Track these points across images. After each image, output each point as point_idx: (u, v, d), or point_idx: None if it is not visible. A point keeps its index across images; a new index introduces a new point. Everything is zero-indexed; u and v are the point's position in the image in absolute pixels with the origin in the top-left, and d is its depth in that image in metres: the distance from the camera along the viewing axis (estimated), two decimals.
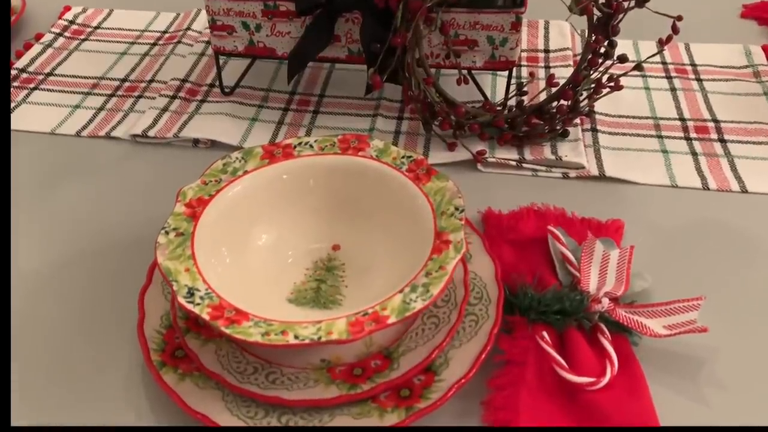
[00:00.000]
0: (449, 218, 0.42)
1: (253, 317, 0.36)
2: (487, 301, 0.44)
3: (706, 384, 0.41)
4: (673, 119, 0.63)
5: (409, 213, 0.44)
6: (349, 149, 0.47)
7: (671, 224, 0.53)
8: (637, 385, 0.40)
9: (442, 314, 0.42)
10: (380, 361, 0.40)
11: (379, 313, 0.36)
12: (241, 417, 0.38)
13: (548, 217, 0.52)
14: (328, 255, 0.46)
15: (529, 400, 0.40)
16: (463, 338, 0.42)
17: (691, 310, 0.42)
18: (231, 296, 0.39)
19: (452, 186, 0.44)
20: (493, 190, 0.56)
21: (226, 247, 0.42)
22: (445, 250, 0.40)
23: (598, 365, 0.41)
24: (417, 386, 0.39)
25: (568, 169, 0.57)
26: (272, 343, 0.34)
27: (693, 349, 0.43)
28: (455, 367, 0.40)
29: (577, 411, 0.39)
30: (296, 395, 0.38)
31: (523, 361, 0.41)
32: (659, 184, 0.56)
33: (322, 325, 0.35)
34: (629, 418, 0.38)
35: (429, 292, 0.37)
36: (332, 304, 0.43)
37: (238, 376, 0.39)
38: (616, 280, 0.45)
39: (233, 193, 0.44)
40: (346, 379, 0.39)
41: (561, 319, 0.43)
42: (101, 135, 0.62)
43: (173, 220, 0.41)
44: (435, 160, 0.59)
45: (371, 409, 0.38)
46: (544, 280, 0.46)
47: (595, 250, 0.47)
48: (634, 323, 0.42)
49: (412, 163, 0.46)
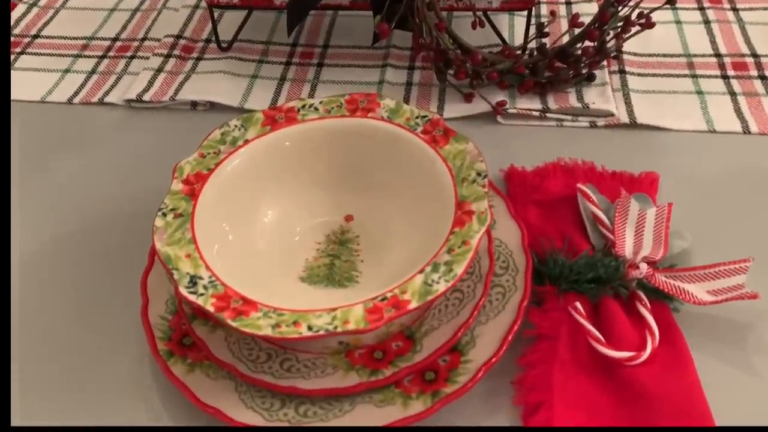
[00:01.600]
0: (471, 185, 0.38)
1: (262, 307, 0.33)
2: (514, 270, 0.40)
3: (754, 351, 0.38)
4: (708, 56, 0.58)
5: (426, 180, 0.40)
6: (357, 110, 0.43)
7: (709, 174, 0.49)
8: (681, 358, 0.37)
9: (467, 288, 0.39)
10: (402, 343, 0.37)
11: (398, 297, 0.33)
12: (257, 409, 0.35)
13: (576, 173, 0.48)
14: (341, 227, 0.43)
15: (563, 378, 0.37)
16: (490, 313, 0.39)
17: (738, 274, 0.39)
18: (238, 282, 0.36)
19: (473, 148, 0.40)
20: (516, 145, 0.52)
21: (229, 227, 0.39)
22: (468, 222, 0.36)
23: (638, 337, 0.38)
24: (442, 368, 0.36)
25: (596, 118, 0.53)
26: (284, 336, 0.32)
27: (737, 313, 0.40)
28: (483, 345, 0.37)
29: (615, 388, 0.36)
30: (313, 384, 0.35)
31: (555, 335, 0.38)
32: (695, 129, 0.52)
33: (338, 314, 0.33)
34: (673, 394, 0.35)
35: (452, 271, 0.34)
36: (348, 281, 0.40)
37: (251, 364, 0.36)
38: (654, 241, 0.42)
39: (233, 166, 0.40)
40: (367, 364, 0.36)
41: (595, 287, 0.40)
42: (94, 101, 0.58)
43: (171, 200, 0.38)
44: (451, 113, 0.54)
45: (395, 395, 0.35)
46: (575, 245, 0.42)
47: (630, 209, 0.43)
48: (676, 290, 0.39)
49: (428, 123, 0.42)
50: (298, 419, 0.35)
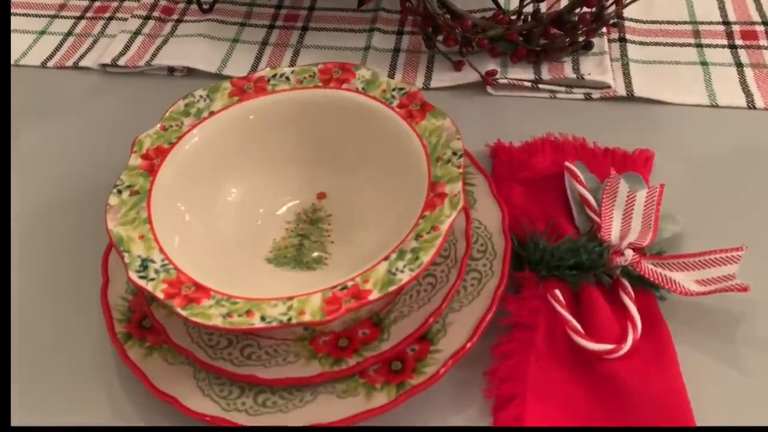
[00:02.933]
0: (445, 165, 0.35)
1: (214, 294, 0.31)
2: (492, 254, 0.38)
3: (744, 345, 0.36)
4: (716, 23, 0.54)
5: (400, 158, 0.38)
6: (331, 81, 0.40)
7: (710, 152, 0.46)
8: (664, 352, 0.35)
9: (440, 273, 0.37)
10: (369, 330, 0.35)
11: (360, 286, 0.31)
12: (214, 397, 0.34)
13: (566, 149, 0.45)
14: (312, 205, 0.41)
15: (538, 370, 0.35)
16: (464, 300, 0.37)
17: (730, 263, 0.36)
18: (196, 264, 0.34)
19: (450, 125, 0.37)
20: (506, 117, 0.50)
21: (190, 206, 0.37)
22: (439, 205, 0.34)
23: (619, 328, 0.36)
24: (410, 358, 0.35)
25: (592, 89, 0.50)
26: (235, 327, 0.30)
27: (729, 303, 0.37)
28: (454, 334, 0.35)
29: (592, 382, 0.34)
30: (273, 373, 0.34)
31: (532, 324, 0.36)
32: (696, 104, 0.49)
33: (294, 303, 0.31)
34: (653, 391, 0.34)
35: (419, 259, 0.32)
36: (316, 263, 0.38)
37: (210, 350, 0.35)
38: (643, 226, 0.39)
39: (195, 141, 0.38)
40: (330, 353, 0.34)
41: (577, 274, 0.37)
42: (69, 65, 0.56)
43: (127, 176, 0.36)
44: (439, 83, 0.52)
45: (358, 386, 0.34)
46: (559, 228, 0.40)
47: (619, 190, 0.40)
48: (662, 279, 0.37)
49: (405, 96, 0.39)
50: (256, 409, 0.33)
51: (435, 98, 0.51)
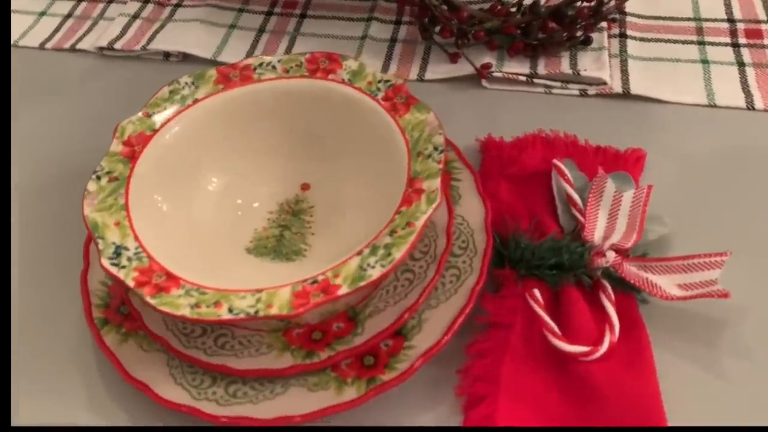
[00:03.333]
0: (425, 160, 0.35)
1: (184, 283, 0.31)
2: (472, 251, 0.38)
3: (726, 353, 0.36)
4: (720, 20, 0.53)
5: (382, 151, 0.37)
6: (318, 71, 0.40)
7: (705, 153, 0.45)
8: (640, 356, 0.35)
9: (419, 269, 0.37)
10: (343, 324, 0.35)
11: (330, 281, 0.31)
12: (186, 386, 0.34)
13: (557, 146, 0.44)
14: (296, 196, 0.41)
15: (513, 370, 0.34)
16: (442, 296, 0.36)
17: (713, 268, 0.35)
18: (174, 253, 0.34)
19: (433, 119, 0.37)
20: (499, 112, 0.49)
21: (168, 196, 0.37)
22: (416, 201, 0.33)
23: (597, 330, 0.35)
24: (383, 353, 0.34)
25: (587, 85, 0.49)
26: (202, 317, 0.30)
27: (713, 309, 0.37)
28: (429, 331, 0.35)
29: (567, 384, 0.34)
30: (245, 364, 0.34)
31: (508, 323, 0.36)
32: (694, 103, 0.48)
33: (263, 296, 0.31)
34: (627, 396, 0.33)
35: (391, 255, 0.31)
36: (295, 255, 0.38)
37: (184, 338, 0.35)
38: (627, 227, 0.38)
39: (178, 128, 0.38)
40: (303, 345, 0.34)
41: (557, 274, 0.37)
42: (66, 47, 0.56)
43: (107, 162, 0.36)
44: (434, 74, 0.51)
45: (330, 379, 0.34)
46: (542, 227, 0.39)
47: (606, 189, 0.40)
48: (643, 282, 0.36)
49: (390, 89, 0.39)
50: (226, 399, 0.33)
51: (429, 90, 0.51)
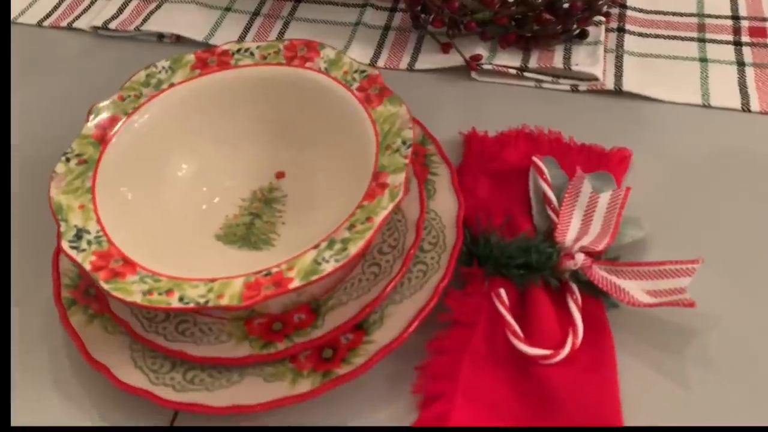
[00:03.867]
0: (393, 155, 0.35)
1: (140, 270, 0.31)
2: (442, 247, 0.37)
3: (693, 363, 0.35)
4: (724, 17, 0.51)
5: (353, 143, 0.37)
6: (295, 58, 0.40)
7: (694, 155, 0.44)
8: (603, 361, 0.34)
9: (385, 263, 0.37)
10: (304, 316, 0.35)
11: (283, 273, 0.31)
12: (145, 370, 0.34)
13: (540, 143, 0.44)
14: (270, 184, 0.40)
15: (472, 370, 0.34)
16: (407, 292, 0.36)
17: (683, 276, 0.35)
18: (138, 237, 0.34)
19: (405, 113, 0.36)
20: (487, 104, 0.48)
21: (139, 178, 0.37)
22: (378, 195, 0.33)
23: (561, 334, 0.35)
24: (343, 347, 0.34)
25: (579, 81, 0.48)
26: (152, 305, 0.30)
27: (684, 317, 0.36)
28: (390, 326, 0.35)
29: (526, 387, 0.34)
30: (203, 351, 0.34)
31: (471, 322, 0.36)
32: (687, 102, 0.46)
33: (215, 286, 0.31)
34: (585, 402, 0.33)
35: (346, 250, 0.31)
36: (264, 244, 0.38)
37: (146, 323, 0.35)
38: (601, 230, 0.38)
39: (151, 113, 0.38)
40: (262, 335, 0.34)
41: (525, 274, 0.36)
42: (63, 26, 0.56)
43: (78, 144, 0.36)
44: (424, 64, 0.50)
45: (287, 370, 0.34)
46: (516, 225, 0.39)
47: (582, 190, 0.39)
48: (611, 286, 0.35)
49: (366, 79, 0.38)
50: (183, 385, 0.33)
51: (418, 80, 0.50)
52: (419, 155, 0.42)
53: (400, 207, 0.39)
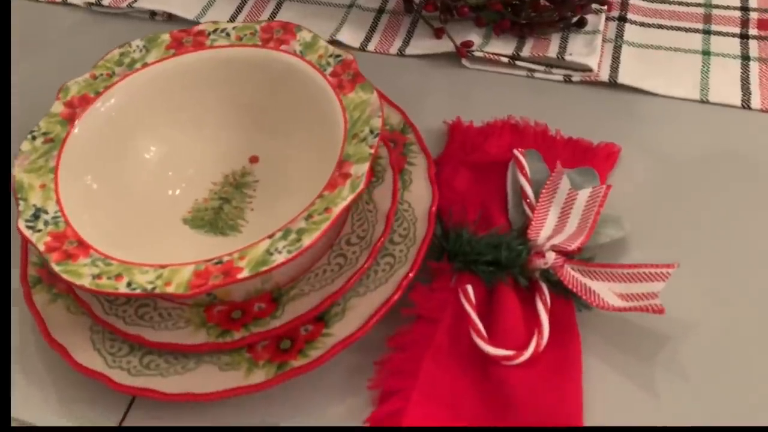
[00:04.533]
0: (359, 144, 0.34)
1: (93, 253, 0.31)
2: (411, 240, 0.36)
3: (660, 368, 0.33)
4: (733, 8, 0.49)
5: (323, 130, 0.36)
6: (271, 41, 0.39)
7: (686, 153, 0.42)
8: (568, 365, 0.33)
9: (351, 254, 0.36)
10: (265, 305, 0.34)
11: (234, 263, 0.30)
12: (102, 352, 0.34)
13: (525, 135, 0.42)
14: (243, 168, 0.40)
15: (433, 367, 0.33)
16: (372, 284, 0.35)
17: (657, 280, 0.33)
18: (102, 220, 0.34)
19: (375, 100, 0.35)
20: (476, 93, 0.47)
21: (105, 158, 0.37)
22: (340, 186, 0.32)
23: (526, 334, 0.34)
24: (301, 338, 0.34)
25: (572, 71, 0.46)
26: (100, 289, 0.30)
27: (657, 322, 0.34)
28: (351, 319, 0.34)
29: (486, 388, 0.33)
30: (159, 336, 0.33)
31: (436, 318, 0.35)
32: (684, 97, 0.44)
33: (164, 272, 0.30)
34: (546, 404, 0.32)
35: (300, 241, 0.30)
36: (230, 230, 0.37)
37: (107, 305, 0.35)
38: (577, 228, 0.36)
39: (121, 94, 0.37)
40: (221, 323, 0.34)
41: (493, 271, 0.35)
42: (58, 1, 0.56)
43: (45, 123, 0.36)
44: (415, 50, 0.49)
45: (243, 360, 0.33)
46: (490, 219, 0.38)
47: (561, 186, 0.37)
48: (581, 288, 0.34)
49: (340, 64, 0.37)
50: (139, 369, 0.33)
51: (408, 66, 0.49)
52: (398, 144, 0.41)
53: (372, 197, 0.38)
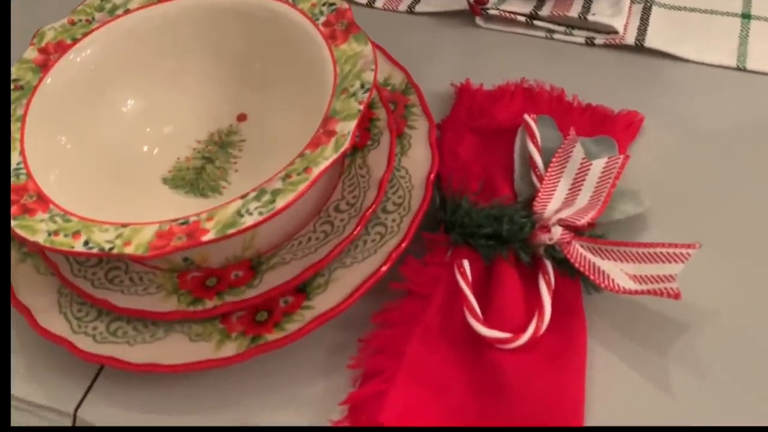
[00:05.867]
0: (348, 99, 0.30)
1: (53, 207, 0.29)
2: (406, 209, 0.33)
3: (673, 358, 0.30)
4: None
5: (312, 84, 0.33)
6: None
7: (717, 125, 0.38)
8: (571, 351, 0.30)
9: (339, 222, 0.33)
10: (242, 273, 0.32)
11: (200, 224, 0.27)
12: (69, 316, 0.32)
13: (539, 100, 0.39)
14: (230, 127, 0.37)
15: (421, 347, 0.30)
16: (359, 255, 0.32)
17: (675, 261, 0.30)
18: (70, 173, 0.32)
19: (369, 53, 0.32)
20: (489, 55, 0.43)
21: (78, 112, 0.34)
22: (323, 144, 0.29)
23: (525, 316, 0.30)
24: (279, 310, 0.31)
25: (596, 33, 0.42)
26: (54, 247, 0.27)
27: (672, 308, 0.31)
28: (334, 291, 0.31)
29: (478, 373, 0.30)
30: (127, 302, 0.31)
31: (427, 294, 0.32)
32: (719, 64, 0.40)
33: (125, 231, 0.27)
34: (543, 393, 0.28)
35: (273, 203, 0.27)
36: (211, 191, 0.35)
37: (76, 266, 0.32)
38: (589, 202, 0.33)
39: (98, 44, 0.35)
40: (193, 290, 0.31)
41: (493, 245, 0.32)
42: None
43: (17, 69, 0.33)
44: (425, 7, 0.46)
45: (215, 331, 0.31)
46: (494, 190, 0.34)
47: (573, 155, 0.34)
48: (590, 267, 0.30)
49: (333, 13, 0.34)
50: (105, 336, 0.31)
51: (417, 24, 0.46)
52: (399, 105, 0.37)
53: (366, 161, 0.35)
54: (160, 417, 0.30)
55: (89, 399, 0.31)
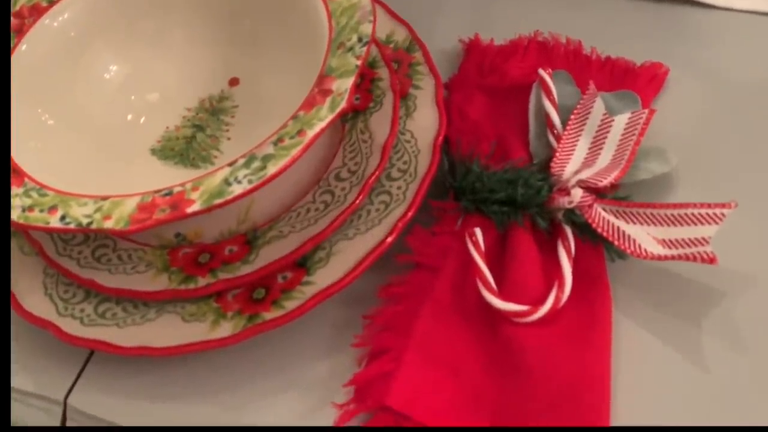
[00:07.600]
0: (344, 54, 0.28)
1: (28, 182, 0.27)
2: (412, 176, 0.31)
3: (708, 330, 0.27)
4: None
5: (305, 41, 0.30)
6: None
7: (750, 77, 0.35)
8: (594, 325, 0.27)
9: (340, 191, 0.30)
10: (237, 248, 0.30)
11: (185, 194, 0.25)
12: (55, 298, 0.30)
13: (555, 55, 0.36)
14: (221, 92, 0.35)
15: (431, 323, 0.28)
16: (362, 226, 0.30)
17: (708, 222, 0.27)
18: (52, 147, 0.30)
19: (367, 3, 0.29)
20: (500, 9, 0.40)
21: (56, 79, 0.32)
22: (318, 104, 0.27)
23: (544, 287, 0.28)
24: (277, 287, 0.29)
25: None
26: (29, 223, 0.25)
27: (707, 274, 0.28)
28: (336, 265, 0.29)
29: (492, 349, 0.27)
30: (115, 282, 0.29)
31: (437, 266, 0.29)
32: (751, 9, 0.37)
33: (105, 205, 0.25)
34: (564, 371, 0.26)
35: (264, 170, 0.25)
36: (202, 161, 0.32)
37: (61, 244, 0.30)
38: (611, 161, 0.30)
39: (77, 6, 0.32)
40: (185, 268, 0.29)
41: (507, 211, 0.29)
42: None
43: None
44: None
45: (209, 310, 0.28)
46: (508, 152, 0.32)
47: (593, 111, 0.31)
48: (614, 232, 0.28)
49: None
50: (92, 318, 0.29)
51: None
52: (402, 64, 0.35)
53: (368, 126, 0.32)
54: (154, 403, 0.28)
55: (80, 386, 0.29)
